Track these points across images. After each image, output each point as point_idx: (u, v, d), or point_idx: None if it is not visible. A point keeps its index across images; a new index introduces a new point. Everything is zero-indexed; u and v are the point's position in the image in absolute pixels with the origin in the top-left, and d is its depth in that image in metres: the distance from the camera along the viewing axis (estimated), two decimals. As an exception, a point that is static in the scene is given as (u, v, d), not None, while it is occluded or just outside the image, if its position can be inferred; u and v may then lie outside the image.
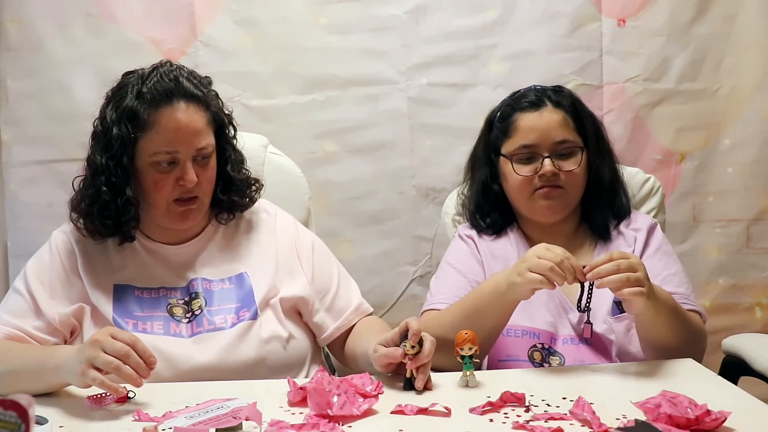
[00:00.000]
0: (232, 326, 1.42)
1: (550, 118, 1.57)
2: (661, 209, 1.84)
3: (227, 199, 1.53)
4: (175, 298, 1.46)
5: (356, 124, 2.35)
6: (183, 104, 1.42)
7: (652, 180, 1.84)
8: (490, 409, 1.13)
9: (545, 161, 1.54)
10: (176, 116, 1.40)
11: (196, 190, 1.44)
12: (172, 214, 1.45)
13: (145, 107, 1.40)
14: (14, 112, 2.35)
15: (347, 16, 2.33)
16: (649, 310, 1.31)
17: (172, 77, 1.43)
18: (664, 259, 1.56)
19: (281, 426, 1.06)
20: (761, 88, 2.32)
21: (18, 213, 2.37)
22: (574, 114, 1.60)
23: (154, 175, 1.42)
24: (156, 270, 1.49)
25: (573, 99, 1.63)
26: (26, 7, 2.33)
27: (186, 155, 1.41)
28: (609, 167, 1.64)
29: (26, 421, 0.74)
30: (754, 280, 2.36)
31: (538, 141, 1.56)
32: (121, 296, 1.44)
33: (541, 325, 1.51)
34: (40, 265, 1.48)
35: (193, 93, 1.44)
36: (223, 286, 1.48)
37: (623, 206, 1.64)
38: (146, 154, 1.41)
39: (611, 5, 2.31)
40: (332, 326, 1.53)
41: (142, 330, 1.40)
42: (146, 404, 1.19)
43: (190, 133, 1.41)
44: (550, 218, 1.58)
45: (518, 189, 1.58)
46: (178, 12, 2.32)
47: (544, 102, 1.59)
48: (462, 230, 1.70)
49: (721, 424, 1.02)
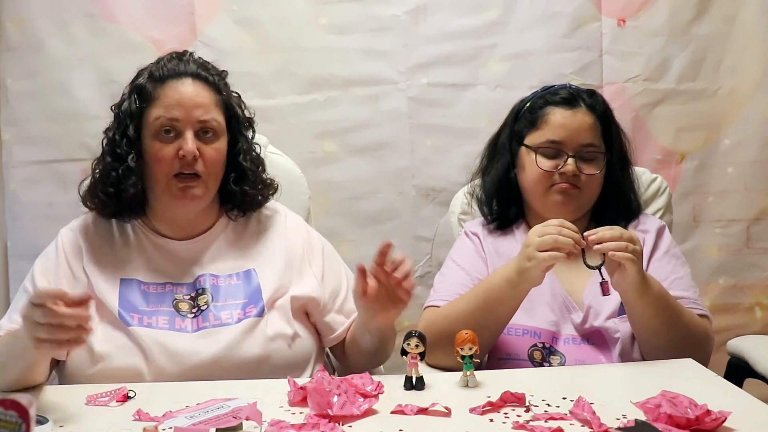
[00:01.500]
0: (238, 322, 1.42)
1: (582, 120, 1.57)
2: (668, 209, 1.83)
3: (239, 190, 1.52)
4: (182, 293, 1.46)
5: (356, 124, 2.35)
6: (189, 80, 1.47)
7: (659, 180, 1.84)
8: (490, 409, 1.13)
9: (569, 160, 1.54)
10: (180, 88, 1.45)
11: (198, 167, 1.43)
12: (173, 192, 1.44)
13: (153, 84, 1.46)
14: (14, 112, 2.36)
15: (347, 16, 2.33)
16: (637, 288, 1.34)
17: (183, 60, 1.50)
18: (672, 262, 1.56)
19: (281, 426, 1.06)
20: (761, 88, 2.32)
21: (18, 213, 2.37)
22: (604, 121, 1.60)
23: (155, 145, 1.43)
24: (163, 265, 1.49)
25: (606, 106, 1.63)
26: (26, 7, 2.33)
27: (186, 124, 1.42)
28: (627, 177, 1.65)
29: (26, 421, 0.74)
30: (754, 280, 2.36)
31: (566, 139, 1.56)
32: (126, 290, 1.45)
33: (543, 324, 1.51)
34: (47, 263, 1.49)
35: (200, 73, 1.48)
36: (231, 281, 1.48)
37: (633, 209, 1.65)
38: (149, 122, 1.44)
39: (611, 5, 2.31)
40: (342, 327, 1.53)
41: (147, 324, 1.40)
42: (146, 404, 1.19)
43: (192, 103, 1.44)
44: (561, 215, 1.58)
45: (536, 181, 1.58)
46: (178, 12, 2.32)
47: (579, 102, 1.59)
48: (468, 227, 1.70)
49: (721, 424, 1.02)
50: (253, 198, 1.55)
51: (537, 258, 1.34)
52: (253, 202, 1.56)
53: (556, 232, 1.34)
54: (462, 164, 2.33)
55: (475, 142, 2.33)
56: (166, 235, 1.51)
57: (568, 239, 1.33)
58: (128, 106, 1.46)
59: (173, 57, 1.50)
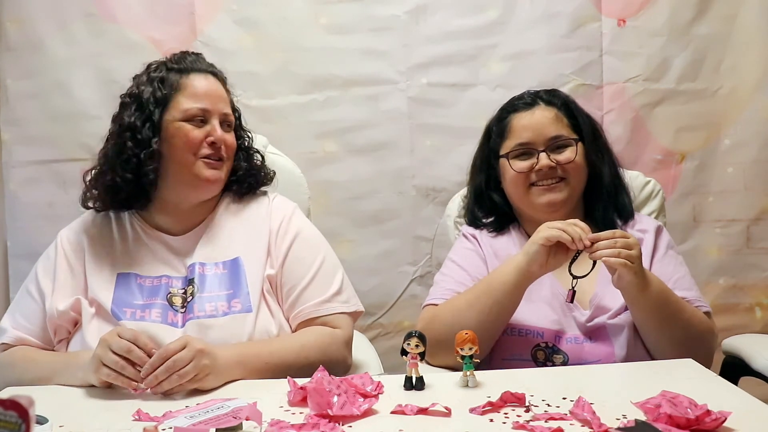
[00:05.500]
0: (224, 315, 1.42)
1: (542, 116, 1.61)
2: (662, 212, 1.85)
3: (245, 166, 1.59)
4: (176, 287, 1.47)
5: (356, 124, 2.35)
6: (210, 76, 1.55)
7: (652, 183, 1.85)
8: (490, 409, 1.13)
9: (541, 155, 1.57)
10: (204, 81, 1.52)
11: (223, 152, 1.51)
12: (202, 175, 1.49)
13: (174, 74, 1.51)
14: (14, 112, 2.36)
15: (347, 16, 2.33)
16: (635, 287, 1.38)
17: (200, 57, 1.57)
18: (673, 262, 1.57)
19: (281, 426, 1.06)
20: (761, 88, 2.32)
21: (18, 213, 2.37)
22: (567, 111, 1.63)
23: (185, 129, 1.48)
24: (159, 258, 1.50)
25: (565, 98, 1.67)
26: (26, 7, 2.34)
27: (213, 114, 1.50)
28: (609, 165, 1.66)
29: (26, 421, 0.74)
30: (754, 280, 2.36)
31: (532, 138, 1.59)
32: (123, 285, 1.46)
33: (546, 323, 1.51)
34: (48, 264, 1.51)
35: (216, 72, 1.57)
36: (217, 270, 1.48)
37: (627, 206, 1.66)
38: (177, 111, 1.48)
39: (611, 5, 2.31)
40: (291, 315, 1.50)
41: (140, 318, 1.41)
42: (146, 404, 1.19)
43: (217, 96, 1.53)
44: (551, 214, 1.59)
45: (515, 184, 1.61)
46: (178, 12, 2.33)
47: (537, 102, 1.64)
48: (466, 229, 1.72)
49: (721, 424, 1.02)
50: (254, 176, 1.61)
51: (542, 235, 1.41)
52: (253, 181, 1.61)
53: (567, 224, 1.41)
54: (462, 164, 2.33)
55: (475, 142, 2.33)
56: (163, 228, 1.53)
57: (577, 229, 1.39)
58: (151, 93, 1.49)
59: (188, 54, 1.57)
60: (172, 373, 1.22)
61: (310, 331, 1.47)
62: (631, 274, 1.36)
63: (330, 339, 1.45)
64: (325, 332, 1.46)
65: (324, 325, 1.48)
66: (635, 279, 1.37)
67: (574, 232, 1.39)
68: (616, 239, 1.37)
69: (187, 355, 1.24)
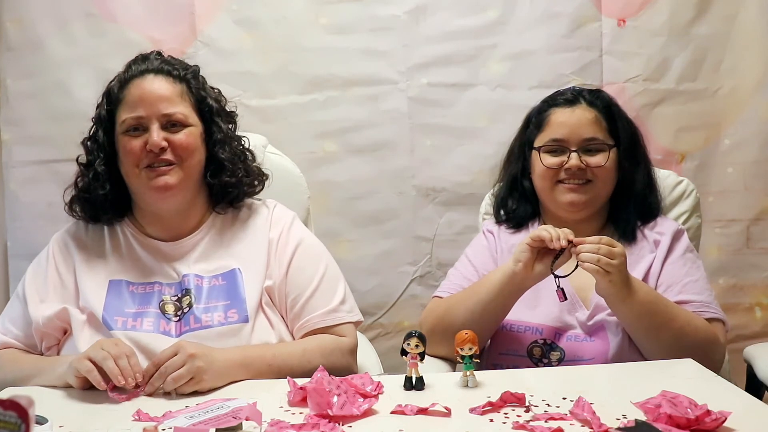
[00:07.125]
0: (220, 325, 1.41)
1: (582, 115, 1.61)
2: (696, 212, 1.81)
3: (218, 183, 1.51)
4: (169, 294, 1.45)
5: (356, 124, 2.35)
6: (151, 75, 1.48)
7: (684, 183, 1.83)
8: (490, 409, 1.13)
9: (572, 155, 1.58)
10: (142, 84, 1.47)
11: (168, 155, 1.44)
12: (147, 184, 1.45)
13: (119, 87, 1.49)
14: (14, 112, 2.36)
15: (347, 16, 2.33)
16: (613, 296, 1.41)
17: (149, 59, 1.52)
18: (687, 265, 1.56)
19: (281, 426, 1.06)
20: (761, 88, 2.32)
21: (18, 213, 2.37)
22: (608, 115, 1.63)
23: (124, 142, 1.45)
24: (151, 264, 1.49)
25: (608, 101, 1.66)
26: (26, 7, 2.33)
27: (150, 119, 1.44)
28: (643, 172, 1.66)
29: (26, 421, 0.74)
30: (754, 280, 2.36)
31: (567, 136, 1.59)
32: (114, 292, 1.44)
33: (547, 320, 1.53)
34: (38, 269, 1.50)
35: (162, 68, 1.50)
36: (215, 282, 1.46)
37: (652, 208, 1.66)
38: (119, 125, 1.47)
39: (611, 5, 2.31)
40: (295, 326, 1.48)
41: (131, 327, 1.39)
42: (146, 404, 1.19)
43: (154, 97, 1.45)
44: (573, 213, 1.60)
45: (542, 178, 1.62)
46: (178, 12, 2.32)
47: (579, 100, 1.63)
48: (486, 225, 1.75)
49: (721, 424, 1.02)
50: (235, 187, 1.53)
51: (528, 235, 1.46)
52: (236, 193, 1.54)
53: (545, 229, 1.44)
54: (462, 164, 2.34)
55: (475, 142, 2.34)
56: (154, 236, 1.51)
57: (558, 231, 1.42)
58: (98, 113, 1.50)
59: (138, 58, 1.53)
60: (165, 377, 1.23)
61: (313, 338, 1.46)
62: (605, 282, 1.38)
63: (333, 345, 1.45)
64: (329, 339, 1.46)
65: (331, 334, 1.48)
66: (612, 288, 1.39)
67: (554, 231, 1.42)
68: (600, 246, 1.38)
69: (179, 360, 1.24)
